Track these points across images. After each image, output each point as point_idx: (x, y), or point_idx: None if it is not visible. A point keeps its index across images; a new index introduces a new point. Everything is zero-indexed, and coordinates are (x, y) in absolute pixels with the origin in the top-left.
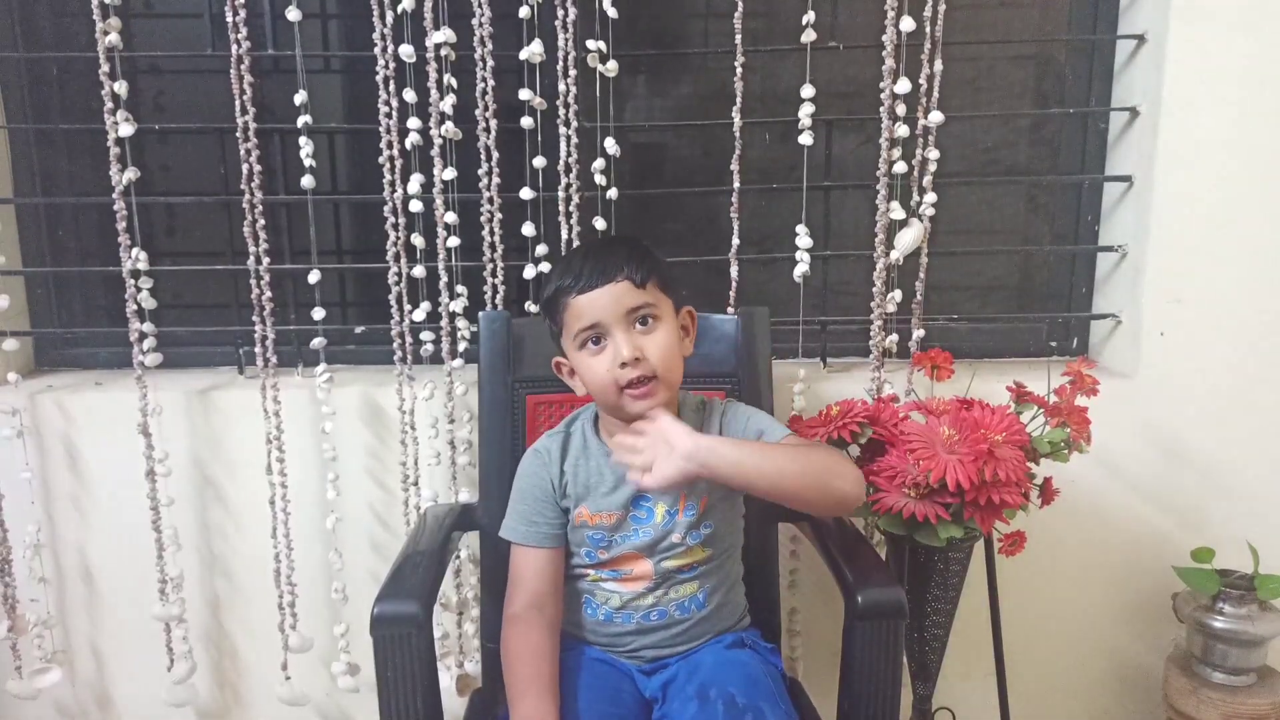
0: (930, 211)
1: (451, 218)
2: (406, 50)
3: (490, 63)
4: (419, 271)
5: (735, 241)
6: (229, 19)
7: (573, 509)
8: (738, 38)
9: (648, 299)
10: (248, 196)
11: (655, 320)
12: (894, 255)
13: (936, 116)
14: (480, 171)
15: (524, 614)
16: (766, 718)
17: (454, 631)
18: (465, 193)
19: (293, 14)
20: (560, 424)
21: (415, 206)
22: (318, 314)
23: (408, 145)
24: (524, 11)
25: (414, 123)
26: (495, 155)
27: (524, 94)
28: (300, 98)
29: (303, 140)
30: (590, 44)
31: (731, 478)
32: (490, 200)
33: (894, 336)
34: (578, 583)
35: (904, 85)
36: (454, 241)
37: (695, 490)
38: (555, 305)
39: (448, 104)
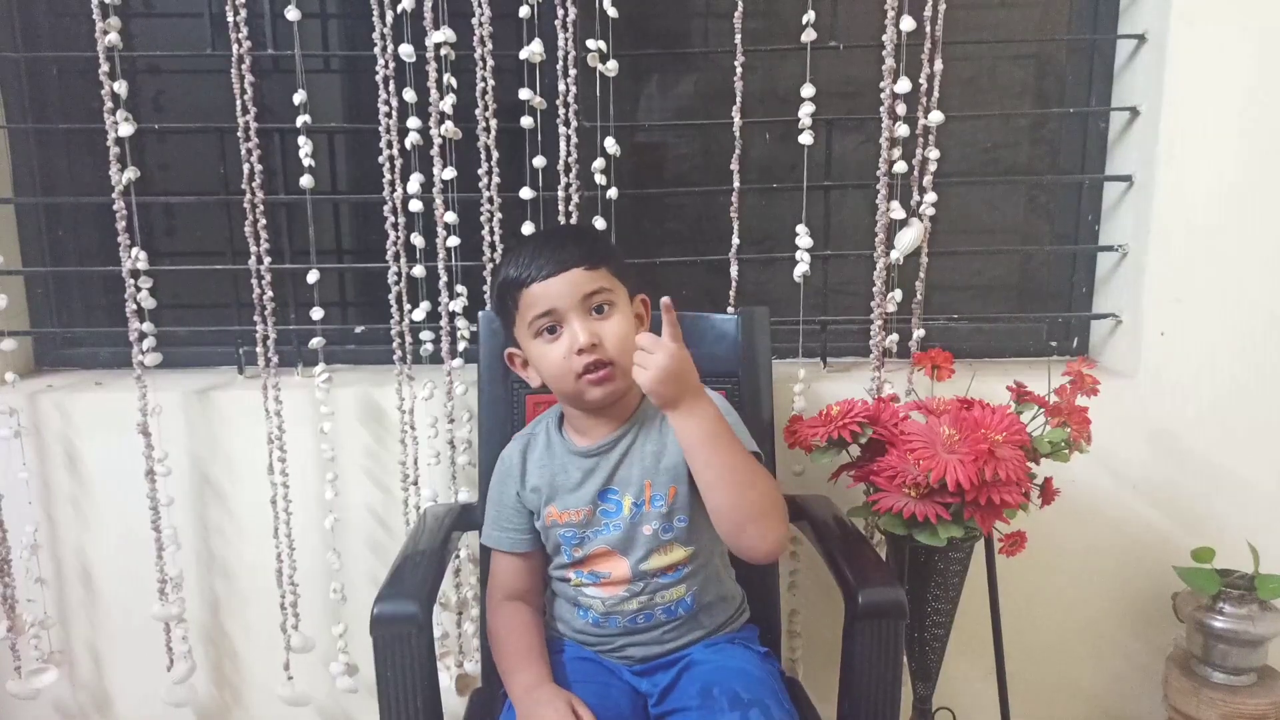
0: (930, 211)
1: (451, 217)
2: (406, 50)
3: (490, 62)
4: (419, 271)
5: (735, 241)
6: (229, 18)
7: (542, 509)
8: (738, 37)
9: (603, 284)
10: (248, 196)
11: (611, 307)
12: (894, 255)
13: (936, 116)
14: (480, 171)
15: (504, 604)
16: (772, 712)
17: (454, 631)
18: (465, 192)
19: (292, 13)
20: (528, 425)
21: (415, 206)
22: (317, 314)
23: (407, 145)
24: (524, 11)
25: (414, 122)
26: (495, 155)
27: (524, 94)
28: (300, 97)
29: (302, 140)
30: (590, 44)
31: (689, 434)
32: (490, 200)
33: (894, 336)
34: (563, 586)
35: (904, 85)
36: (454, 241)
37: (660, 479)
38: (507, 296)
39: (448, 104)
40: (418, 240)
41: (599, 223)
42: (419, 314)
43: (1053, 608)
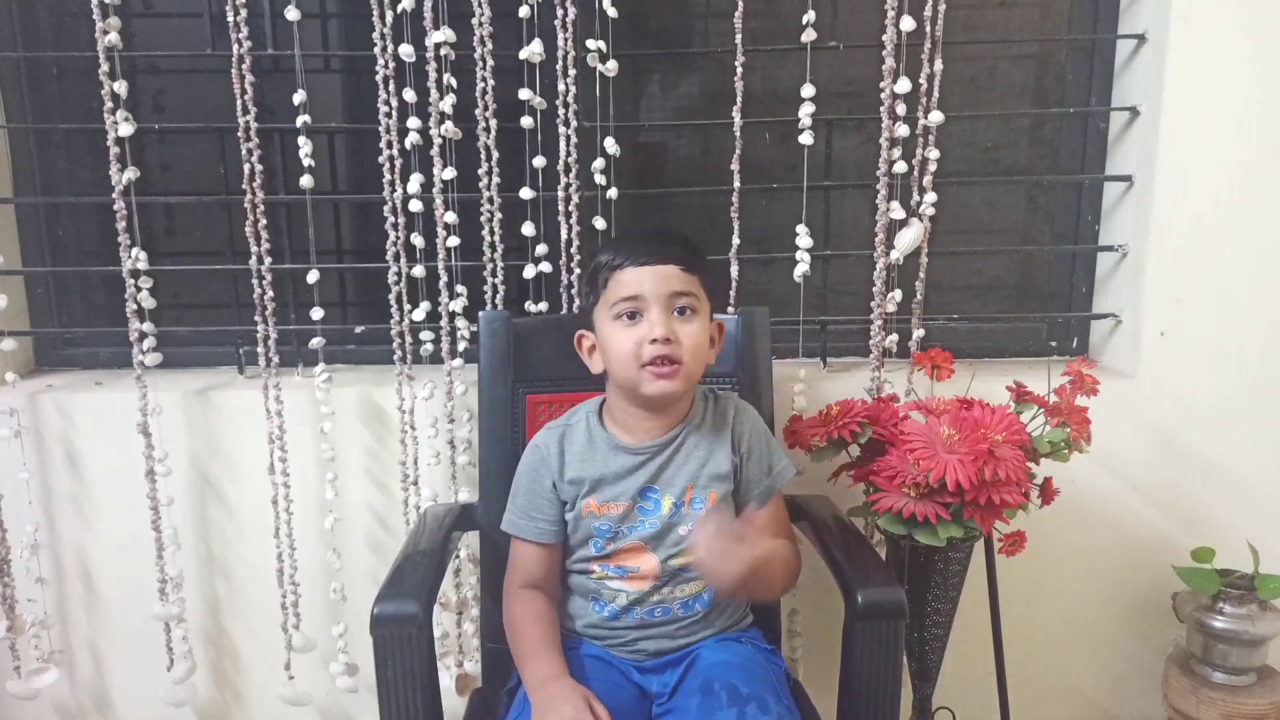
0: (930, 211)
1: (451, 217)
2: (406, 50)
3: (490, 62)
4: (419, 271)
5: (735, 241)
6: (229, 18)
7: (579, 501)
8: (738, 37)
9: (693, 289)
10: (249, 196)
11: (693, 314)
12: (894, 255)
13: (936, 116)
14: (480, 171)
15: (522, 591)
16: (770, 706)
17: (454, 631)
18: (465, 192)
19: (292, 13)
20: (561, 416)
21: (415, 206)
22: (317, 314)
23: (407, 145)
24: (524, 11)
25: (414, 122)
26: (495, 155)
27: (524, 94)
28: (300, 97)
29: (302, 140)
30: (590, 44)
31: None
32: (490, 200)
33: (894, 336)
34: (584, 580)
35: (904, 85)
36: (454, 241)
37: (703, 483)
38: (599, 276)
39: (448, 104)
40: (418, 240)
41: (599, 223)
42: (419, 314)
43: (1053, 608)
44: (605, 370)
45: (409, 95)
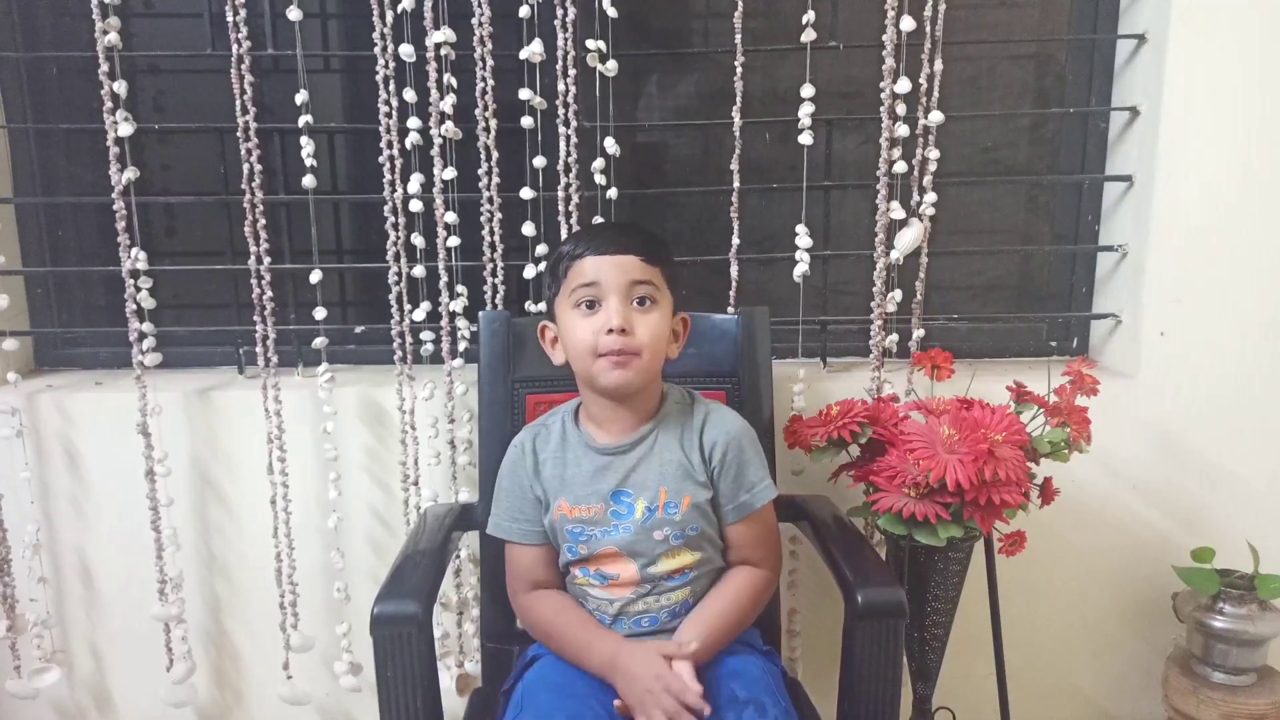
0: (930, 211)
1: (451, 217)
2: (406, 50)
3: (490, 62)
4: (419, 271)
5: (735, 241)
6: (229, 18)
7: (552, 502)
8: (738, 37)
9: (652, 279)
10: (248, 196)
11: (653, 304)
12: (894, 255)
13: (936, 116)
14: (480, 171)
15: (535, 592)
16: (768, 710)
17: (454, 631)
18: (465, 192)
19: (293, 13)
20: (541, 416)
21: (415, 206)
22: (319, 314)
23: (408, 145)
24: (524, 11)
25: (414, 122)
26: (495, 155)
27: (524, 94)
28: (301, 97)
29: (303, 140)
30: (590, 44)
31: None
32: (490, 200)
33: (894, 336)
34: (571, 586)
35: (904, 85)
36: (454, 241)
37: (676, 487)
38: (559, 266)
39: (448, 104)
40: (418, 240)
41: (598, 223)
42: (419, 314)
43: (1053, 608)
44: (567, 362)
45: (409, 95)
